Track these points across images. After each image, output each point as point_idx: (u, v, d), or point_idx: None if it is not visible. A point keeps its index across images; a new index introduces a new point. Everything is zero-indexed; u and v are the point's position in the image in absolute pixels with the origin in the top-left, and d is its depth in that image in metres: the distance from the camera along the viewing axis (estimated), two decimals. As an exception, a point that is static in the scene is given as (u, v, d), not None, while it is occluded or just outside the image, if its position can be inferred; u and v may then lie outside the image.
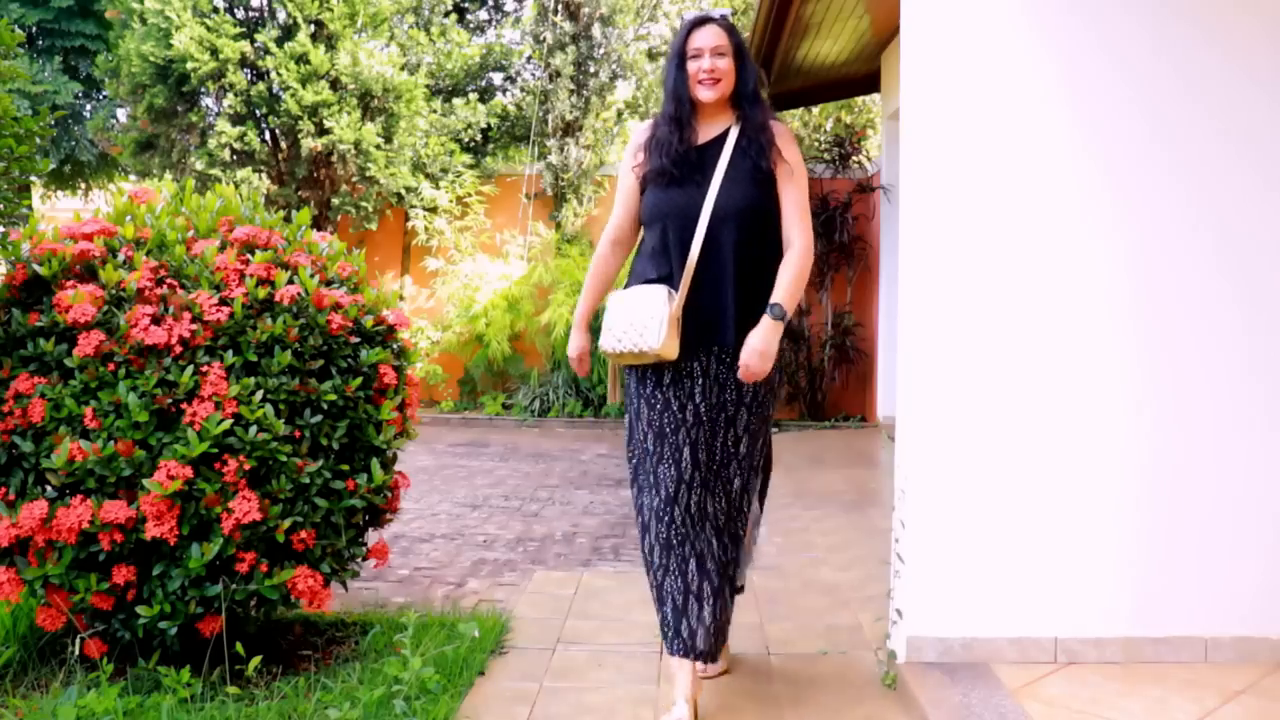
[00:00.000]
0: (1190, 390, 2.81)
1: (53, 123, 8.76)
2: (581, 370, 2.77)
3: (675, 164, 2.57)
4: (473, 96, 10.54)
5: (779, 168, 2.59)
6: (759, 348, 2.47)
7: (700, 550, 2.57)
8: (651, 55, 11.83)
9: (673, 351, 2.49)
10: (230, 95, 8.74)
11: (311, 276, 2.83)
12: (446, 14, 11.25)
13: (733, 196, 2.55)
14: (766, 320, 2.49)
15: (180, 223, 2.89)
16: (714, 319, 2.55)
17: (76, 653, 2.69)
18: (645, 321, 2.48)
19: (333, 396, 2.75)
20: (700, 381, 2.58)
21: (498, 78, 11.69)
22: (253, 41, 8.84)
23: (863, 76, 8.87)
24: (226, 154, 8.82)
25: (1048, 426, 2.81)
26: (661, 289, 2.52)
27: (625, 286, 2.65)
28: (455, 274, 9.60)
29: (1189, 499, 2.82)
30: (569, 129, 9.91)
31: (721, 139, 2.61)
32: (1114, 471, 2.81)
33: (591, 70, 9.97)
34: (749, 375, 2.48)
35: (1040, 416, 2.80)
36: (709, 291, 2.55)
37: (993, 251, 2.80)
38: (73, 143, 11.21)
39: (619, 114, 11.10)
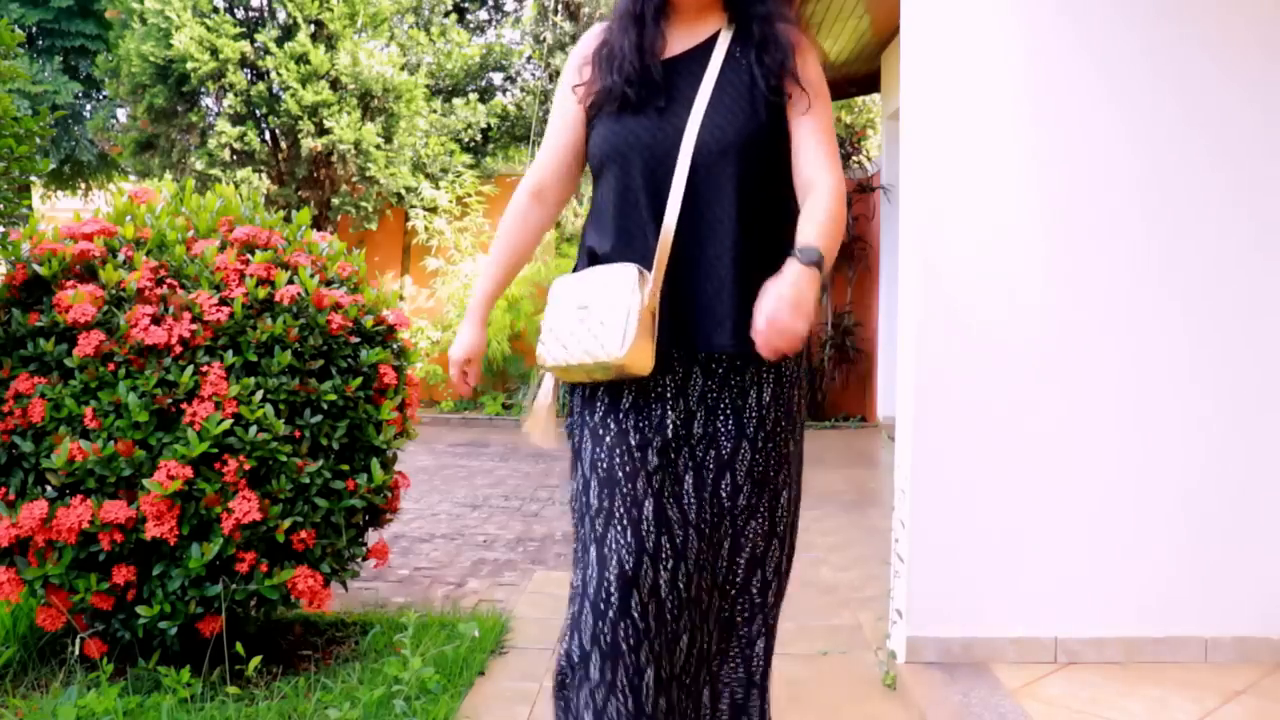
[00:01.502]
0: (1188, 390, 2.81)
1: (53, 123, 8.77)
2: (462, 387, 1.93)
3: (635, 81, 1.75)
4: (473, 96, 10.55)
5: (793, 88, 1.76)
6: (789, 296, 1.51)
7: (675, 661, 1.72)
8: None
9: (645, 362, 1.67)
10: (230, 95, 8.75)
11: (311, 276, 2.83)
12: (446, 14, 11.25)
13: (725, 126, 1.73)
14: (795, 264, 1.56)
15: (180, 223, 2.89)
16: (702, 311, 1.73)
17: (76, 653, 2.69)
18: (604, 316, 1.67)
19: (333, 396, 2.75)
20: (673, 403, 1.77)
21: (498, 78, 11.71)
22: (253, 41, 8.84)
23: (863, 76, 8.88)
24: (226, 154, 8.82)
25: (1047, 426, 2.80)
26: (629, 268, 1.69)
27: (576, 269, 1.85)
28: (455, 274, 9.61)
29: (1189, 499, 2.82)
30: (569, 129, 9.90)
31: (706, 48, 1.79)
32: (1113, 471, 2.81)
33: (591, 70, 9.97)
34: (772, 346, 1.52)
35: (1040, 416, 2.80)
36: (694, 269, 1.74)
37: (992, 251, 2.80)
38: (73, 143, 11.22)
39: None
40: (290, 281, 2.81)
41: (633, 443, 1.74)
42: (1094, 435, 2.81)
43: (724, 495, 1.79)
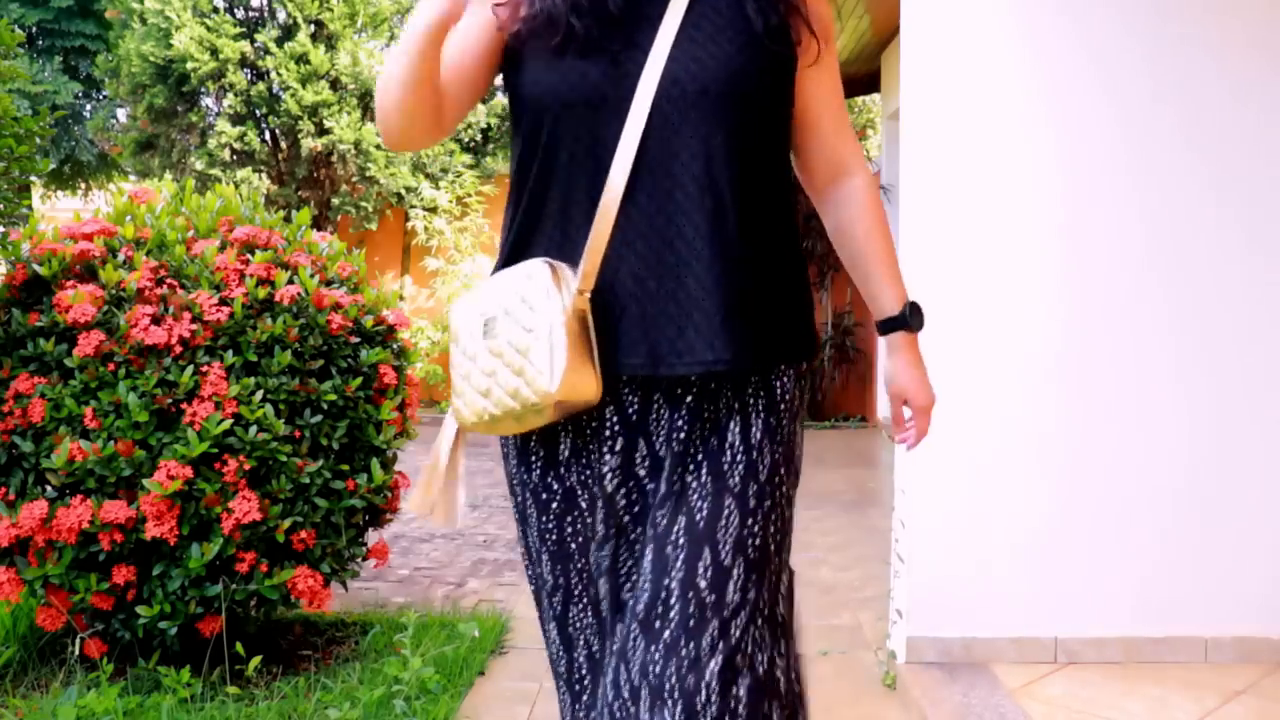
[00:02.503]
0: (1189, 389, 2.81)
1: (53, 123, 8.77)
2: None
3: (582, 10, 1.25)
4: (473, 96, 10.54)
5: (800, 29, 1.31)
6: (928, 387, 1.48)
7: None
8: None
9: (587, 388, 1.22)
10: (230, 95, 8.75)
11: (311, 276, 2.83)
12: (446, 14, 11.25)
13: (705, 60, 1.24)
14: (908, 338, 1.52)
15: (180, 223, 2.89)
16: (664, 317, 1.24)
17: (76, 653, 2.69)
18: (520, 341, 1.23)
19: (333, 396, 2.75)
20: (623, 443, 1.29)
21: (498, 78, 11.70)
22: (253, 41, 8.84)
23: (863, 76, 8.87)
24: (226, 154, 8.82)
25: (1047, 426, 2.80)
26: (536, 266, 1.23)
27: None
28: (455, 274, 9.60)
29: (1189, 499, 2.81)
30: (569, 129, 9.91)
31: None
32: (1114, 470, 2.81)
33: (591, 70, 9.98)
34: (924, 435, 1.48)
35: (1039, 416, 2.80)
36: (657, 258, 1.23)
37: (992, 251, 2.80)
38: (73, 143, 11.22)
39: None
40: (290, 281, 2.81)
41: (583, 505, 1.34)
42: (1094, 434, 2.81)
43: (703, 585, 1.21)
